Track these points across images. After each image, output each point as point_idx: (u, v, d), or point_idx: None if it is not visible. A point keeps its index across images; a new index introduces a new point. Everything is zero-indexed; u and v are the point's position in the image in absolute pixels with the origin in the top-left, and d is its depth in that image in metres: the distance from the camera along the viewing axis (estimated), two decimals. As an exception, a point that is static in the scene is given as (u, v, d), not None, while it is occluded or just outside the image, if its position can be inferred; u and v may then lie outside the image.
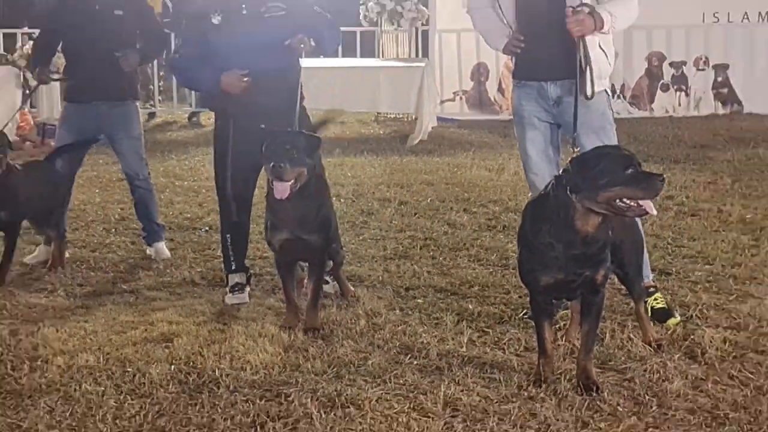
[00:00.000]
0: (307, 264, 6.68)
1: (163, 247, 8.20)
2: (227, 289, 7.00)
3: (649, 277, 6.39)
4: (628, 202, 5.04)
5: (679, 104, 15.32)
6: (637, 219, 6.05)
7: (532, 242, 5.43)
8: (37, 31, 9.67)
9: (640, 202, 5.06)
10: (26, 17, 16.20)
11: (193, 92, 16.43)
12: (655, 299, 6.24)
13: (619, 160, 5.14)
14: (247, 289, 7.01)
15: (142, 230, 8.34)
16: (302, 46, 6.54)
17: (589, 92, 6.11)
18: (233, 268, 7.03)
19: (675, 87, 15.46)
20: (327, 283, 6.88)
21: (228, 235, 7.08)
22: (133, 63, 7.92)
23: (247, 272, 7.11)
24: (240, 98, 6.72)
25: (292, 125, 6.50)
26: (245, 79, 6.58)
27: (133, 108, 8.27)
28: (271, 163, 6.02)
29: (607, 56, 6.26)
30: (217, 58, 6.69)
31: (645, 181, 5.10)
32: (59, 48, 8.45)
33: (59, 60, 9.45)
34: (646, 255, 6.36)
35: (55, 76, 8.60)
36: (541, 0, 6.21)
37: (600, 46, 6.17)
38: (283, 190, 6.05)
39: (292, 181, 6.06)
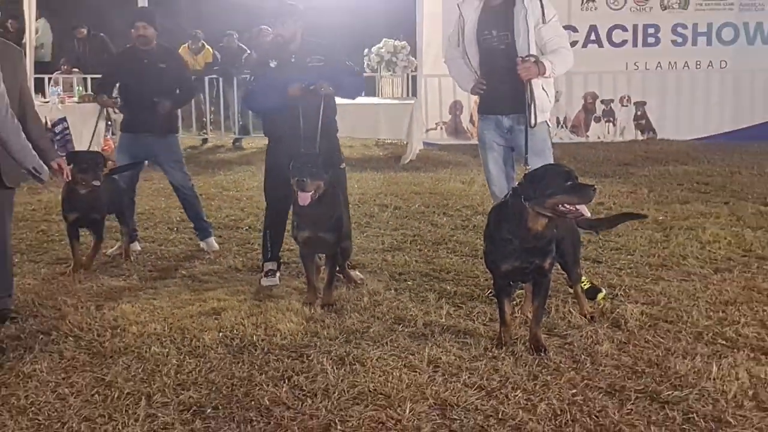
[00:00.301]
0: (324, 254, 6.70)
1: (212, 241, 8.16)
2: (263, 273, 7.01)
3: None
4: (568, 206, 5.09)
5: (608, 132, 15.34)
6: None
7: (495, 238, 5.48)
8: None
9: (577, 206, 5.11)
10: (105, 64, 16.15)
11: (236, 122, 16.47)
12: (582, 282, 6.24)
13: (561, 174, 5.19)
14: (278, 274, 7.01)
15: (194, 229, 8.31)
16: (322, 90, 6.59)
17: (532, 122, 6.17)
18: (269, 257, 7.04)
19: (605, 119, 15.47)
20: (355, 280, 6.91)
21: (268, 231, 7.09)
22: (167, 108, 7.92)
23: (278, 261, 7.12)
24: (283, 124, 6.78)
25: (316, 148, 6.55)
26: (303, 86, 6.59)
27: (174, 139, 8.26)
28: (296, 178, 6.11)
29: (548, 95, 6.32)
30: (273, 90, 6.71)
31: (581, 190, 5.15)
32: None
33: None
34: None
35: (111, 100, 8.56)
36: (498, 54, 6.25)
37: (542, 87, 6.23)
38: (305, 198, 6.14)
39: (312, 191, 6.14)
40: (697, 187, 10.86)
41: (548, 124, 6.44)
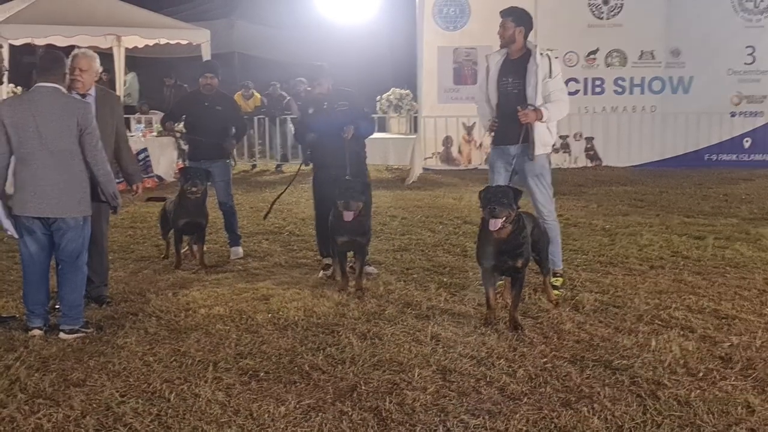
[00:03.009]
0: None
1: (239, 250, 7.85)
2: (321, 268, 6.94)
3: (559, 265, 6.36)
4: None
5: (565, 161, 15.17)
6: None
7: (479, 241, 5.47)
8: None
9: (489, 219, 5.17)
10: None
11: (278, 152, 16.46)
12: (556, 279, 6.20)
13: (490, 193, 5.27)
14: (331, 269, 6.81)
15: (228, 238, 8.02)
16: (345, 134, 6.60)
17: (531, 155, 6.08)
18: (324, 255, 6.98)
19: (563, 150, 15.29)
20: (372, 273, 6.84)
21: (320, 236, 7.04)
22: (234, 146, 7.85)
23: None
24: (320, 156, 6.88)
25: (349, 175, 6.55)
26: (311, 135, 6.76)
27: (224, 164, 7.95)
28: (342, 200, 6.17)
29: (551, 133, 6.21)
30: (312, 130, 6.83)
31: (487, 208, 5.18)
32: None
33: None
34: (559, 249, 6.35)
35: (175, 129, 8.55)
36: (512, 97, 6.11)
37: (548, 127, 6.13)
38: (349, 215, 6.16)
39: (354, 210, 6.17)
40: (634, 203, 10.78)
41: (547, 155, 6.25)
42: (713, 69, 14.93)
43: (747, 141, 15.22)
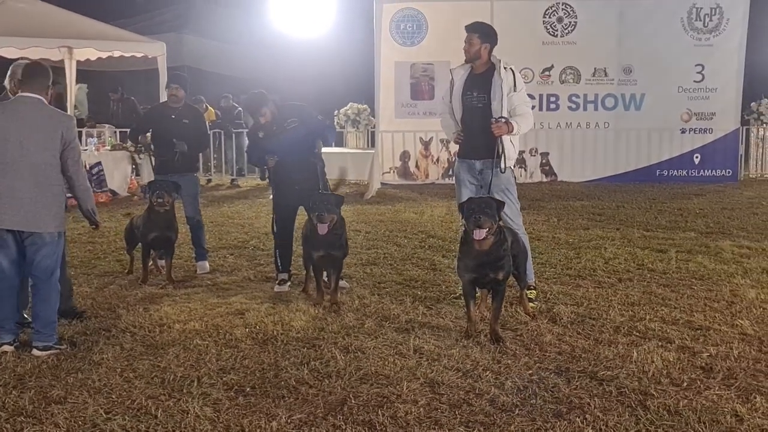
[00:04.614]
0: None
1: (205, 264, 7.75)
2: (276, 282, 6.90)
3: (532, 278, 6.42)
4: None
5: (521, 175, 15.36)
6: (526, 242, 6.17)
7: (460, 254, 5.48)
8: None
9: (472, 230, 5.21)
10: (134, 120, 15.92)
11: (233, 165, 16.41)
12: (529, 291, 6.25)
13: (473, 204, 5.31)
14: (288, 283, 6.89)
15: (194, 252, 7.91)
16: (317, 150, 6.79)
17: (503, 168, 6.14)
18: (280, 269, 6.93)
19: (518, 165, 15.50)
20: (344, 287, 6.80)
21: (277, 251, 6.98)
22: (183, 148, 7.63)
23: (289, 272, 6.99)
24: (280, 173, 6.83)
25: (320, 189, 6.59)
26: (272, 158, 6.77)
27: (193, 177, 7.93)
28: (316, 213, 6.12)
29: (514, 147, 6.26)
30: (264, 151, 6.82)
31: (469, 219, 5.22)
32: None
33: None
34: (531, 262, 6.38)
35: (143, 145, 8.43)
36: (476, 111, 6.16)
37: (510, 141, 6.17)
38: (323, 228, 6.11)
39: (328, 222, 6.13)
40: (593, 217, 10.92)
41: (512, 168, 6.33)
42: (664, 86, 15.33)
43: (697, 157, 15.62)
